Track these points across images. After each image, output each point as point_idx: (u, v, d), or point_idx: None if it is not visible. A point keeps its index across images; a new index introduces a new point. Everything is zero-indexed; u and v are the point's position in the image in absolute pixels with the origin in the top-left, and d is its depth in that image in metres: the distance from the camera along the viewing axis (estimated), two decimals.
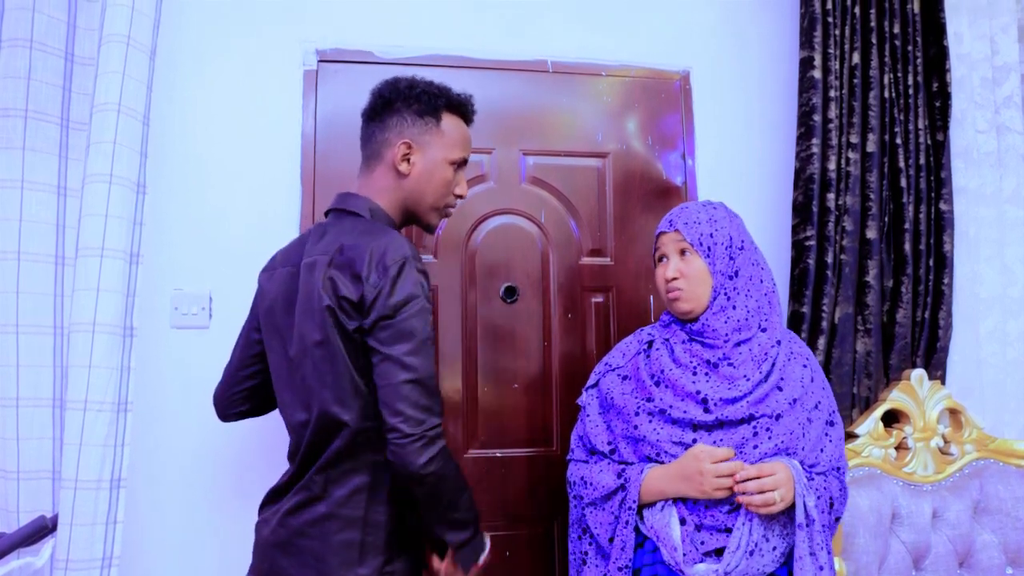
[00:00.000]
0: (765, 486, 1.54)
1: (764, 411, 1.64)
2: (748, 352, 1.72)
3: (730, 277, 1.75)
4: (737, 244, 1.77)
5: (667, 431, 1.68)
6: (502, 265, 2.41)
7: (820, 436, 1.70)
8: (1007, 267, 2.53)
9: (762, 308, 1.77)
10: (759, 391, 1.67)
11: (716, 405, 1.65)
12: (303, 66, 2.35)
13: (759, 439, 1.63)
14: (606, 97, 2.53)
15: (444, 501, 1.46)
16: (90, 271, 1.71)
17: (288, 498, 1.55)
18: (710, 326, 1.73)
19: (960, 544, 2.19)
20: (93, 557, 1.68)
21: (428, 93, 1.65)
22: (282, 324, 1.60)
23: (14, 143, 1.77)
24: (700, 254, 1.74)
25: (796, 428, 1.65)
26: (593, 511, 1.77)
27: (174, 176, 2.25)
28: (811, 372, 1.76)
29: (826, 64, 2.36)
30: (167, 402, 2.18)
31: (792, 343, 1.81)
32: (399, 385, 1.41)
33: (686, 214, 1.79)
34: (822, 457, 1.69)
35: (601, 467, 1.78)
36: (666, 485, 1.64)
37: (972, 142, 2.55)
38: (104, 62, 1.77)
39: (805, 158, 2.33)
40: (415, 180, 1.64)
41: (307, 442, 1.53)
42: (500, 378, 2.39)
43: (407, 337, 1.43)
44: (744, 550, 1.56)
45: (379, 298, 1.43)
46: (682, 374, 1.72)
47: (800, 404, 1.68)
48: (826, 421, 1.74)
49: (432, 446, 1.40)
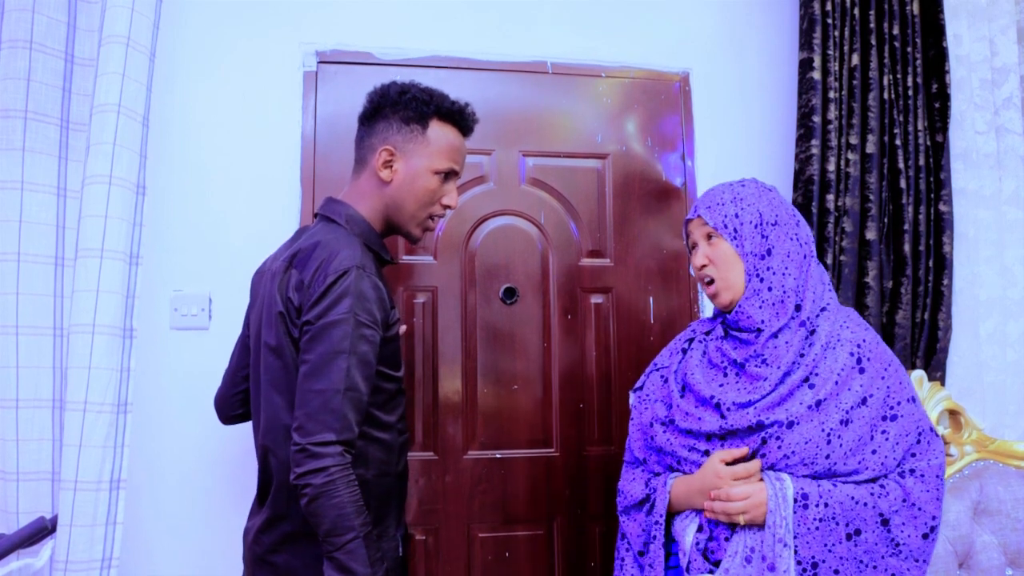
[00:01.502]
0: (728, 510, 1.48)
1: (776, 417, 1.50)
2: (784, 344, 1.58)
3: (762, 256, 1.61)
4: (770, 220, 1.62)
5: (679, 440, 1.61)
6: (502, 266, 2.41)
7: (865, 437, 1.50)
8: (1007, 268, 2.53)
9: (799, 286, 1.61)
10: (781, 389, 1.53)
11: (729, 410, 1.55)
12: (303, 67, 2.35)
13: (767, 448, 1.51)
14: (606, 98, 2.53)
15: (323, 528, 1.34)
16: (90, 272, 1.71)
17: (260, 513, 1.55)
18: (745, 313, 1.60)
19: (960, 545, 2.19)
20: (93, 558, 1.69)
21: (418, 100, 1.62)
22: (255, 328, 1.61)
23: (14, 144, 1.77)
24: (726, 237, 1.62)
25: (816, 436, 1.48)
26: (626, 519, 1.71)
27: (174, 177, 2.25)
28: (860, 360, 1.57)
29: (825, 65, 2.36)
30: (167, 403, 2.18)
31: (844, 326, 1.62)
32: (303, 392, 1.38)
33: (708, 197, 1.68)
34: (870, 461, 1.50)
35: (634, 475, 1.73)
36: (689, 497, 1.57)
37: (971, 143, 2.55)
38: (104, 63, 1.77)
39: (804, 159, 2.33)
40: (396, 188, 1.61)
41: (264, 449, 1.54)
42: (500, 379, 2.39)
43: (320, 345, 1.39)
44: (741, 556, 1.48)
45: (309, 304, 1.42)
46: (705, 380, 1.63)
47: (829, 405, 1.51)
48: (881, 416, 1.53)
49: (311, 461, 1.33)
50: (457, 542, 2.31)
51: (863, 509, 1.46)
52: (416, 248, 2.35)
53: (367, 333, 1.42)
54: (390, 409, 1.57)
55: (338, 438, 1.35)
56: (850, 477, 1.50)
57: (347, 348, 1.38)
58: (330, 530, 1.34)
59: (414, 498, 2.28)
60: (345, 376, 1.38)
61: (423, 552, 2.28)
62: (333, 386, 1.36)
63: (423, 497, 2.30)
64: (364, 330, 1.41)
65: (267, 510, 1.52)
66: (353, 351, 1.39)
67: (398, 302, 2.32)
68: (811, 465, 1.49)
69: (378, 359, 1.47)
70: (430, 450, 2.33)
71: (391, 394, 1.57)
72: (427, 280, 2.36)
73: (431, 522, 2.30)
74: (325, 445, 1.34)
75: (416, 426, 2.32)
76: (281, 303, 1.48)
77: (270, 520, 1.51)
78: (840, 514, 1.45)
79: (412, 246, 2.33)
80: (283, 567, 1.48)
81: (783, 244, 1.61)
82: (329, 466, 1.33)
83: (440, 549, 2.30)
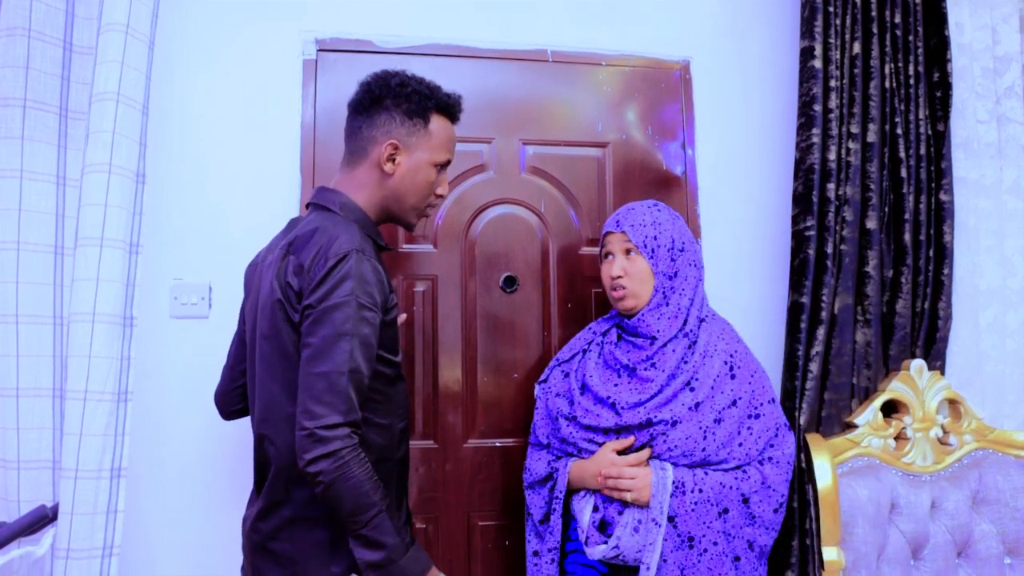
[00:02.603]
0: (619, 485, 1.78)
1: (663, 416, 1.80)
2: (671, 351, 1.87)
3: (670, 277, 1.91)
4: (679, 246, 1.92)
5: (581, 434, 1.89)
6: (502, 255, 2.41)
7: (734, 433, 1.83)
8: (1007, 258, 2.53)
9: (694, 304, 1.92)
10: (667, 391, 1.83)
11: (623, 409, 1.83)
12: (302, 56, 2.34)
13: (655, 443, 1.80)
14: (606, 87, 2.52)
15: (345, 510, 1.36)
16: (90, 261, 1.71)
17: (257, 502, 1.56)
18: (645, 322, 1.89)
19: (959, 534, 2.19)
20: (94, 546, 1.69)
21: (419, 93, 1.63)
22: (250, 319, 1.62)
23: (13, 132, 1.77)
24: (644, 255, 1.89)
25: (695, 432, 1.79)
26: (530, 493, 2.00)
27: (173, 166, 2.24)
28: (732, 368, 1.88)
29: (827, 54, 2.35)
30: (167, 392, 2.19)
31: (720, 338, 1.92)
32: (307, 376, 1.38)
33: (632, 216, 1.93)
34: (737, 452, 1.82)
35: (540, 456, 2.00)
36: (583, 479, 1.86)
37: (973, 132, 2.55)
38: (103, 51, 1.77)
39: (805, 148, 2.33)
40: (399, 180, 1.63)
41: (260, 437, 1.55)
42: (500, 368, 2.39)
43: (323, 327, 1.39)
44: (631, 527, 1.77)
45: (310, 288, 1.42)
46: (601, 381, 1.91)
47: (705, 406, 1.82)
48: (747, 415, 1.86)
49: (321, 445, 1.33)
50: (457, 530, 2.32)
51: (730, 492, 1.79)
52: (416, 237, 2.35)
53: (368, 315, 1.43)
54: (389, 394, 1.58)
55: (345, 419, 1.36)
56: (720, 465, 1.81)
57: (350, 330, 1.39)
58: (352, 510, 1.36)
59: (414, 486, 2.28)
60: (349, 357, 1.38)
61: (423, 540, 2.28)
62: (337, 367, 1.37)
63: (423, 485, 2.31)
64: (365, 312, 1.42)
65: (264, 498, 1.53)
66: (355, 333, 1.39)
67: (398, 290, 2.32)
68: (690, 456, 1.79)
69: (378, 343, 1.47)
70: (430, 439, 2.33)
71: (390, 379, 1.57)
72: (427, 269, 2.36)
73: (431, 510, 2.31)
74: (332, 428, 1.34)
75: (416, 415, 2.32)
76: (279, 290, 1.48)
77: (268, 507, 1.52)
78: (712, 497, 1.77)
79: (412, 235, 2.33)
80: (282, 554, 1.49)
81: (685, 269, 1.92)
82: (338, 449, 1.34)
83: (440, 537, 2.31)
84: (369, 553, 1.38)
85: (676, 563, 1.74)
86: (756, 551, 1.83)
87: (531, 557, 1.96)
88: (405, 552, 1.41)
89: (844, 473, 2.18)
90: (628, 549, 1.76)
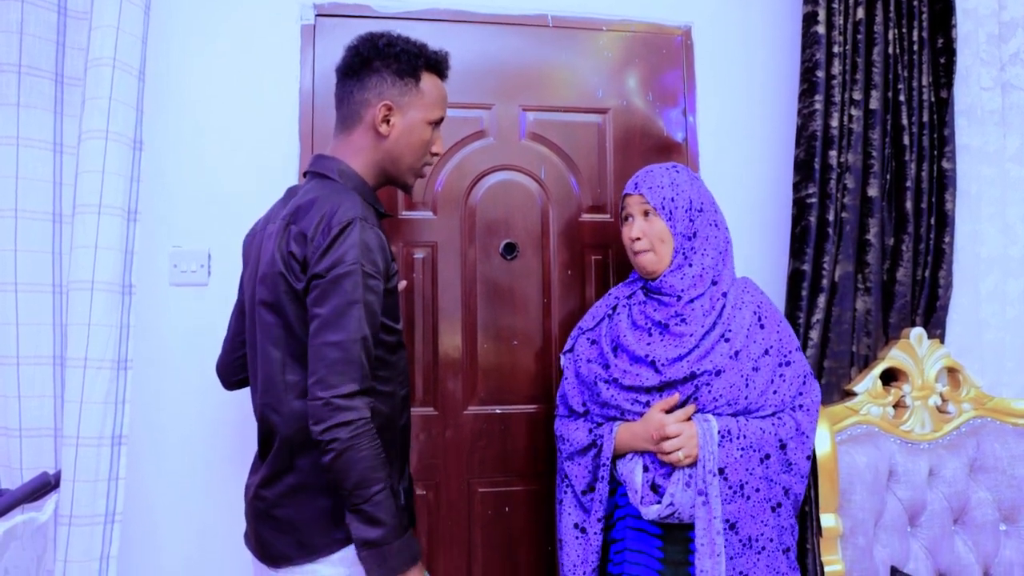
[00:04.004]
0: (671, 447, 1.77)
1: (705, 367, 1.82)
2: (700, 307, 1.89)
3: (689, 238, 1.92)
4: (697, 207, 1.93)
5: (623, 395, 1.88)
6: (502, 221, 2.40)
7: (768, 380, 1.87)
8: (1008, 226, 2.51)
9: (716, 264, 1.94)
10: (705, 344, 1.85)
11: (664, 365, 1.84)
12: (300, 21, 2.31)
13: (700, 394, 1.82)
14: (607, 52, 2.50)
15: (351, 481, 1.36)
16: (88, 228, 1.70)
17: (261, 470, 1.56)
18: (668, 283, 1.91)
19: (955, 501, 2.21)
20: (96, 513, 1.70)
21: (407, 52, 1.62)
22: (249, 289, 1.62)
23: (8, 99, 1.76)
24: (662, 216, 1.91)
25: (737, 380, 1.82)
26: (570, 464, 1.98)
27: (171, 132, 2.23)
28: (760, 318, 1.92)
29: (830, 19, 2.32)
30: (167, 359, 2.19)
31: (745, 292, 1.96)
32: (319, 346, 1.38)
33: (650, 178, 1.95)
34: (773, 399, 1.86)
35: (577, 425, 1.99)
36: (632, 442, 1.85)
37: (976, 99, 2.52)
38: (97, 16, 1.74)
39: (807, 115, 2.31)
40: (394, 141, 1.63)
41: (263, 407, 1.55)
42: (500, 335, 2.39)
43: (333, 297, 1.39)
44: (682, 482, 1.78)
45: (316, 257, 1.42)
46: (635, 340, 1.91)
47: (743, 356, 1.85)
48: (779, 363, 1.90)
49: (338, 414, 1.35)
50: (457, 497, 2.33)
51: (770, 437, 1.83)
52: (415, 203, 2.34)
53: (372, 283, 1.43)
54: (391, 362, 1.58)
55: (361, 387, 1.38)
56: (757, 412, 1.85)
57: (359, 297, 1.40)
58: (358, 483, 1.36)
59: (415, 453, 2.29)
60: (359, 326, 1.39)
61: (424, 507, 2.30)
62: (350, 336, 1.38)
63: (423, 452, 2.32)
64: (370, 280, 1.43)
65: (268, 466, 1.53)
66: (363, 301, 1.40)
67: (398, 257, 2.31)
68: (734, 405, 1.82)
69: (381, 310, 1.48)
70: (430, 406, 2.34)
71: (392, 347, 1.58)
72: (427, 236, 2.36)
73: (431, 477, 2.32)
74: (351, 397, 1.36)
75: (416, 382, 2.33)
76: (281, 261, 1.47)
77: (272, 475, 1.52)
78: (755, 443, 1.81)
79: (412, 201, 2.32)
80: (285, 521, 1.50)
81: (705, 229, 1.94)
82: (355, 419, 1.35)
83: (440, 504, 2.32)
84: (366, 529, 1.38)
85: (727, 514, 1.76)
86: (791, 499, 1.87)
87: (573, 533, 1.94)
88: (400, 536, 1.40)
89: (843, 441, 2.19)
90: (683, 505, 1.77)
